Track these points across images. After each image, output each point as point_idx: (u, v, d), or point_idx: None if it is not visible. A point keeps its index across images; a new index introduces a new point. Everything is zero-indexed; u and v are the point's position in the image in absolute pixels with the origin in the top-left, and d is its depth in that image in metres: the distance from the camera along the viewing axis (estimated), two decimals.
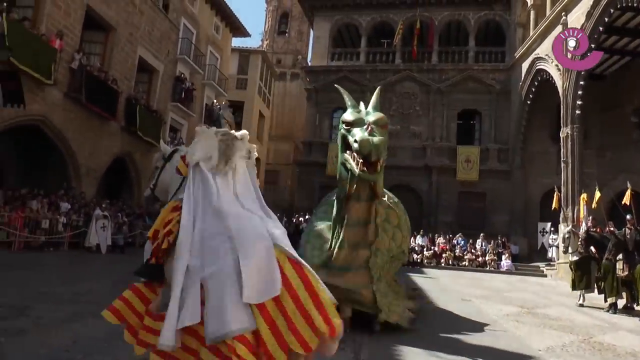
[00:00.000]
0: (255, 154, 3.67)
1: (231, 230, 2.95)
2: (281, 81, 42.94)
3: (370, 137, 5.26)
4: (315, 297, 2.86)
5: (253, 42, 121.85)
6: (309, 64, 36.27)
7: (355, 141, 5.36)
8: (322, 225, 6.95)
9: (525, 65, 25.54)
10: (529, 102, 25.69)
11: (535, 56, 24.22)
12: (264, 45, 44.76)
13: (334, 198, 6.62)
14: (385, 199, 7.43)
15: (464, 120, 29.78)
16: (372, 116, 5.66)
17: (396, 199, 8.00)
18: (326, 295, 2.90)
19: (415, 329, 6.82)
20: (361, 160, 5.38)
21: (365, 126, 5.43)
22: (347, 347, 5.47)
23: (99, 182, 20.01)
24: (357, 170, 5.44)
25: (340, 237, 6.16)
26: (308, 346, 2.75)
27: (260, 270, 2.85)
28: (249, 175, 3.48)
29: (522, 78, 25.90)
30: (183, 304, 2.85)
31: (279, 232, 3.16)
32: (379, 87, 7.25)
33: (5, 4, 14.28)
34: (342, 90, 6.53)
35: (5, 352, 4.24)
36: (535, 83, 24.68)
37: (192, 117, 26.86)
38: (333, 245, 6.32)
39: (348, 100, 6.16)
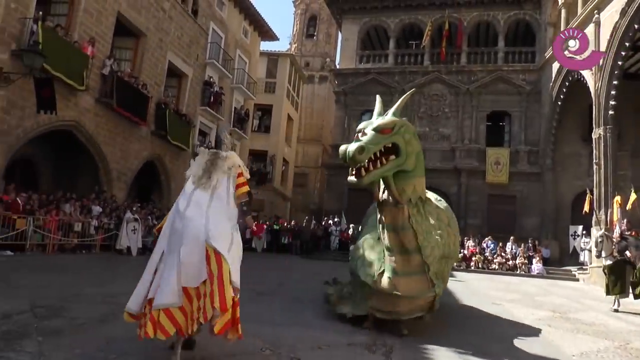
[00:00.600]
0: (236, 169, 4.71)
1: (180, 230, 4.16)
2: (310, 84, 42.93)
3: (346, 145, 5.40)
4: (221, 282, 3.97)
5: (281, 45, 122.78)
6: (338, 66, 36.25)
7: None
8: (370, 237, 7.14)
9: (556, 66, 24.96)
10: (559, 102, 25.13)
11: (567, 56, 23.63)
12: (292, 49, 44.86)
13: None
14: (434, 199, 7.73)
15: (493, 122, 29.34)
16: (374, 123, 5.69)
17: (445, 203, 8.20)
18: (229, 280, 4.03)
19: (445, 333, 6.65)
20: (353, 167, 5.55)
21: (358, 134, 5.56)
22: (378, 350, 5.38)
23: (130, 186, 20.24)
24: (349, 177, 5.64)
25: (385, 244, 6.26)
26: (206, 316, 3.96)
27: (192, 263, 4.02)
28: (229, 186, 4.61)
29: (553, 78, 25.36)
30: (158, 279, 4.13)
31: (218, 232, 4.16)
32: (411, 91, 7.41)
33: (40, 13, 14.59)
34: (378, 99, 6.50)
35: (42, 351, 4.32)
36: (567, 83, 24.13)
37: (221, 120, 27.00)
38: (381, 255, 6.46)
39: (376, 108, 6.21)
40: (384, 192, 6.07)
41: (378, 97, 6.62)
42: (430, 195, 7.78)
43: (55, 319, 5.62)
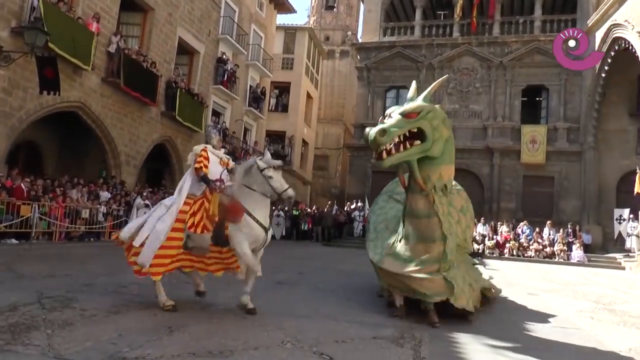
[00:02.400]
0: (192, 158, 6.45)
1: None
2: (330, 60, 42.70)
3: (368, 129, 5.77)
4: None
5: (299, 18, 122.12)
6: (360, 40, 36.00)
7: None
8: (383, 218, 7.54)
9: (599, 34, 24.44)
10: (603, 74, 24.65)
11: (612, 23, 23.14)
12: (311, 22, 44.56)
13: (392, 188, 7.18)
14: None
15: (529, 97, 28.95)
16: (402, 107, 6.04)
17: (458, 186, 8.10)
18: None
19: (478, 326, 6.60)
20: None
21: (382, 118, 6.00)
22: (406, 344, 5.34)
23: (139, 170, 20.40)
24: (372, 160, 5.95)
25: (404, 229, 6.56)
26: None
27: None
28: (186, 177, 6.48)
29: (597, 48, 24.81)
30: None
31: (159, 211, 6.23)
32: (444, 77, 8.05)
33: None
34: (413, 85, 6.76)
35: (52, 344, 4.36)
36: (612, 53, 23.65)
37: (235, 100, 27.03)
38: (398, 237, 6.73)
39: (409, 93, 6.52)
40: (410, 178, 6.30)
41: (414, 83, 6.86)
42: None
43: (64, 310, 5.67)
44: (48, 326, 4.92)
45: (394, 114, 5.92)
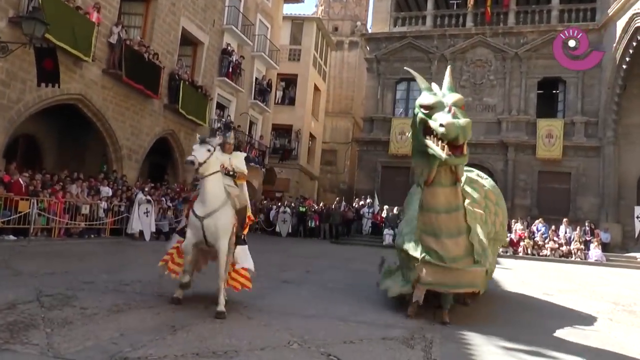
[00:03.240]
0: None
1: None
2: (338, 51, 42.62)
3: (455, 120, 5.54)
4: None
5: (307, 8, 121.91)
6: (369, 30, 35.90)
7: (441, 125, 5.58)
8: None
9: (620, 24, 24.27)
10: (624, 66, 24.48)
11: (635, 12, 22.97)
12: (319, 12, 44.51)
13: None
14: (479, 175, 8.34)
15: (545, 89, 28.81)
16: (449, 97, 5.91)
17: (489, 179, 8.59)
18: None
19: (491, 326, 6.59)
20: (446, 145, 5.67)
21: (447, 109, 5.70)
22: (417, 345, 5.37)
23: (141, 164, 20.44)
24: (443, 155, 5.70)
25: (422, 225, 6.58)
26: None
27: None
28: None
29: (617, 38, 24.66)
30: None
31: None
32: (449, 67, 7.72)
33: None
34: (413, 72, 6.80)
35: (51, 343, 4.38)
36: (634, 44, 23.49)
37: (240, 92, 27.02)
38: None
39: (421, 82, 6.44)
40: (433, 172, 6.18)
41: (412, 70, 6.94)
42: (474, 172, 8.37)
43: (64, 308, 5.71)
44: (47, 325, 4.95)
45: (452, 105, 5.76)
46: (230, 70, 25.62)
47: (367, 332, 5.72)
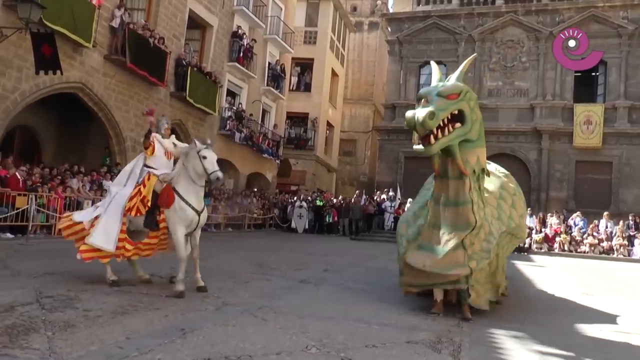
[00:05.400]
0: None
1: None
2: (357, 33, 42.45)
3: (414, 111, 6.09)
4: None
5: None
6: (391, 10, 35.73)
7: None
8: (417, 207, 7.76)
9: None
10: None
11: None
12: None
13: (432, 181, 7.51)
14: (496, 169, 8.48)
15: (583, 72, 28.45)
16: (439, 87, 6.35)
17: (507, 172, 8.73)
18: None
19: (524, 329, 6.54)
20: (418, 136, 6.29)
21: (422, 100, 6.24)
22: (444, 349, 5.33)
23: None
24: (414, 146, 6.57)
25: (429, 217, 6.93)
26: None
27: None
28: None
29: None
30: None
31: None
32: (472, 56, 8.35)
33: None
34: (434, 65, 7.35)
35: (53, 348, 4.38)
36: None
37: (252, 78, 27.06)
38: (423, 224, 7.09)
39: (436, 75, 6.91)
40: (444, 164, 6.67)
41: (434, 64, 7.49)
42: (491, 165, 8.41)
43: (65, 310, 5.73)
44: (48, 328, 4.96)
45: (432, 95, 6.21)
46: (242, 54, 25.67)
47: (390, 335, 5.69)
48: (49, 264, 9.24)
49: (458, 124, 6.34)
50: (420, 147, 6.38)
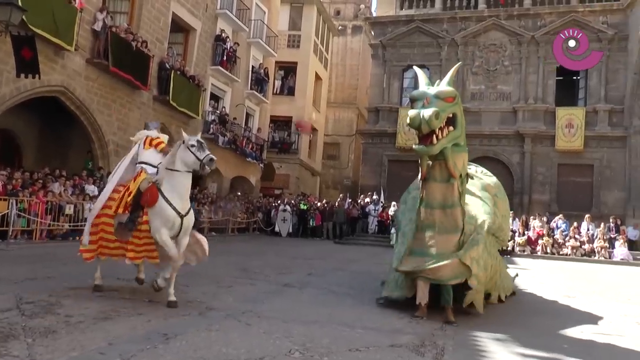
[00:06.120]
0: (137, 145, 7.57)
1: None
2: (341, 37, 42.53)
3: (420, 110, 6.21)
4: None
5: None
6: (374, 14, 35.84)
7: (408, 115, 6.34)
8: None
9: None
10: None
11: None
12: None
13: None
14: (476, 171, 8.62)
15: (564, 76, 28.80)
16: (434, 89, 6.53)
17: (490, 174, 8.98)
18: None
19: (507, 332, 6.58)
20: (417, 135, 6.44)
21: (424, 101, 6.39)
22: (427, 352, 5.35)
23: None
24: (414, 146, 6.54)
25: (420, 220, 7.06)
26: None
27: None
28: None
29: None
30: None
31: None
32: (458, 64, 8.57)
33: None
34: (417, 69, 7.54)
35: (32, 355, 4.34)
36: None
37: (236, 82, 27.01)
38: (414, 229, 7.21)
39: (422, 79, 7.00)
40: (431, 167, 6.81)
41: (417, 68, 7.76)
42: (473, 168, 8.64)
43: (46, 316, 5.68)
44: (28, 334, 4.91)
45: (431, 97, 6.38)
46: (225, 58, 25.62)
47: (374, 339, 5.69)
48: (30, 269, 9.15)
49: (451, 128, 6.51)
50: (421, 147, 6.43)
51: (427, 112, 6.07)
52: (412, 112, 6.24)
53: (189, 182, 6.87)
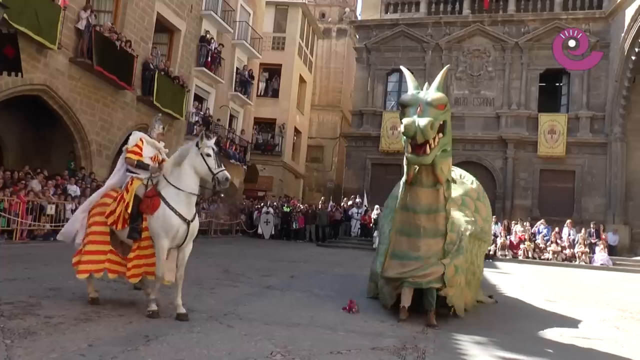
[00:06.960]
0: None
1: None
2: (326, 39, 42.61)
3: (415, 119, 6.11)
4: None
5: None
6: (359, 17, 35.84)
7: (402, 123, 6.25)
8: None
9: (630, 11, 24.47)
10: (633, 57, 24.68)
11: None
12: None
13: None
14: (459, 176, 8.74)
15: (547, 82, 28.99)
16: (428, 96, 6.44)
17: (473, 177, 9.10)
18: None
19: (489, 335, 6.62)
20: (410, 144, 6.34)
21: (417, 107, 6.33)
22: (409, 355, 5.38)
23: (113, 161, 20.29)
24: (407, 154, 6.46)
25: (399, 224, 7.11)
26: None
27: None
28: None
29: (626, 27, 24.88)
30: None
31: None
32: (446, 67, 8.12)
33: None
34: (406, 71, 7.31)
35: (11, 356, 4.31)
36: None
37: (220, 83, 26.94)
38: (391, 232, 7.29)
39: (411, 82, 6.92)
40: (417, 172, 6.75)
41: (405, 69, 7.42)
42: (456, 171, 8.70)
43: (26, 317, 5.63)
44: (7, 336, 4.88)
45: (424, 104, 6.31)
46: (209, 59, 25.56)
47: (356, 342, 5.71)
48: (10, 269, 9.06)
49: (441, 134, 6.48)
50: (414, 156, 6.36)
51: (422, 122, 6.03)
52: (406, 121, 6.16)
53: (197, 185, 6.39)
